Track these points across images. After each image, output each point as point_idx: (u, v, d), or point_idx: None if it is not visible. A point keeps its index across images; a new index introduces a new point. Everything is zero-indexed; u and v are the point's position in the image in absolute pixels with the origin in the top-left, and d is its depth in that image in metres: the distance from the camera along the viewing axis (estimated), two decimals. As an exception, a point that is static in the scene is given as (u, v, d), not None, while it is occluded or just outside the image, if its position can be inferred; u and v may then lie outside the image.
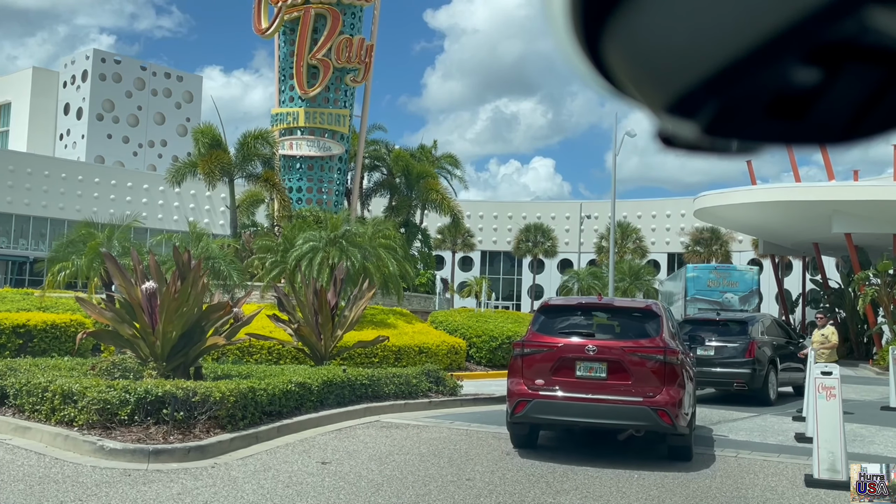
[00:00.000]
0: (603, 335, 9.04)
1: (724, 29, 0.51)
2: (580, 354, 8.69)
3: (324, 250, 21.12)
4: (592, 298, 10.72)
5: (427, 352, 20.14)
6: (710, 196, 36.09)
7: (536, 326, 9.35)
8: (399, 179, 36.94)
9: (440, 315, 24.29)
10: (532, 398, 8.70)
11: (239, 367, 12.39)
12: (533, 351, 8.96)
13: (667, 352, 8.64)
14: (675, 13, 0.52)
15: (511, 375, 9.10)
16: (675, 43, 0.53)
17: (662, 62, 0.55)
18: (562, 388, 8.65)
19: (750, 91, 0.54)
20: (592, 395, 8.55)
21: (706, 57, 0.53)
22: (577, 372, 8.67)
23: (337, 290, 13.61)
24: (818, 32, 0.50)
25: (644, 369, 8.58)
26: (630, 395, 8.47)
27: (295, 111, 33.02)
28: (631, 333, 9.00)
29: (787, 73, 0.52)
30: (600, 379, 8.60)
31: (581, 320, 9.42)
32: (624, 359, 8.61)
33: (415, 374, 13.65)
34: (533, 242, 67.38)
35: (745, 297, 30.93)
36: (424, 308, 31.96)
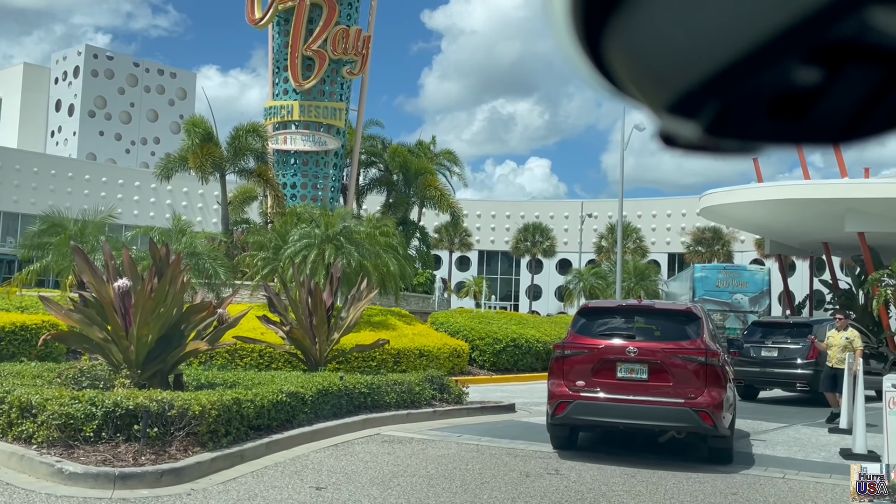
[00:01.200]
0: (643, 337, 9.05)
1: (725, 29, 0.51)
2: (621, 356, 8.75)
3: (319, 247, 19.99)
4: (632, 301, 11.06)
5: (428, 355, 19.04)
6: (717, 194, 34.99)
7: (576, 328, 9.42)
8: (396, 176, 35.83)
9: (441, 316, 23.18)
10: (573, 399, 8.77)
11: (225, 373, 11.26)
12: (573, 353, 9.04)
13: (708, 353, 8.66)
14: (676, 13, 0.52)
15: (551, 377, 9.18)
16: (676, 43, 0.53)
17: (663, 62, 0.55)
18: (603, 389, 8.71)
19: (751, 91, 0.54)
20: (633, 396, 8.61)
21: (707, 57, 0.53)
22: (617, 373, 8.71)
23: (333, 289, 12.50)
24: (819, 32, 0.50)
25: (685, 371, 8.62)
26: (671, 396, 8.51)
27: (289, 104, 31.88)
28: (671, 335, 9.01)
29: (788, 73, 0.53)
30: (641, 380, 8.66)
31: (621, 322, 9.45)
32: (665, 360, 8.64)
33: (417, 381, 12.55)
34: (531, 242, 66.34)
35: (755, 299, 29.90)
36: (423, 309, 30.87)
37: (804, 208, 31.26)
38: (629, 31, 0.55)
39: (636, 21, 0.54)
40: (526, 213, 71.04)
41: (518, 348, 20.80)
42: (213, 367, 12.88)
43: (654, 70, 0.56)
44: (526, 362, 21.00)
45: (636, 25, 0.55)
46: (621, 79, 0.59)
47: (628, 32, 0.55)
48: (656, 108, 0.59)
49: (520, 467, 8.60)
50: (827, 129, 0.56)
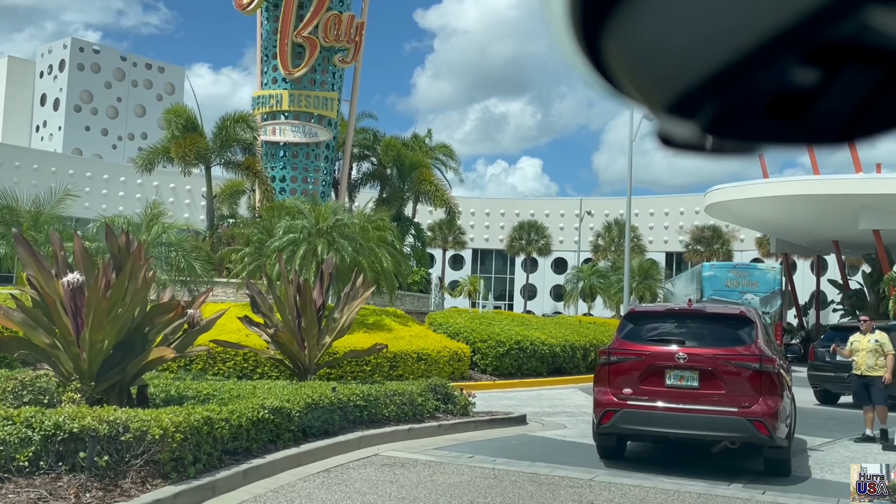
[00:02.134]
0: (694, 342, 8.71)
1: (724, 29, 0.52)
2: (670, 362, 8.49)
3: (309, 242, 18.52)
4: (682, 305, 10.25)
5: (426, 359, 17.60)
6: (724, 190, 33.73)
7: (623, 333, 9.13)
8: (390, 170, 34.36)
9: (439, 316, 21.74)
10: (619, 408, 8.52)
11: (200, 383, 9.79)
12: (620, 359, 8.78)
13: (763, 359, 8.35)
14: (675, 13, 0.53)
15: (597, 384, 8.92)
16: (675, 43, 0.54)
17: (662, 62, 0.56)
18: (651, 397, 8.46)
19: (750, 91, 0.54)
20: (684, 404, 8.35)
21: (706, 57, 0.53)
22: (666, 381, 8.46)
23: (324, 287, 11.06)
24: (818, 33, 0.51)
25: (739, 378, 8.34)
26: (724, 405, 8.23)
27: (278, 93, 30.37)
28: (724, 340, 8.70)
29: (786, 74, 0.53)
30: (692, 388, 8.39)
31: (670, 327, 9.12)
32: (717, 367, 8.36)
33: (420, 391, 11.12)
34: (526, 240, 64.92)
35: (766, 299, 28.59)
36: (419, 308, 29.43)
37: (817, 205, 30.03)
38: (627, 31, 0.55)
39: (634, 21, 0.54)
40: (521, 210, 69.62)
41: (522, 351, 19.40)
42: (189, 374, 11.41)
43: (653, 70, 0.56)
44: (531, 366, 19.60)
45: (634, 25, 0.54)
46: (620, 79, 0.59)
47: (627, 32, 0.55)
48: (655, 109, 0.58)
49: (548, 500, 7.18)
50: (826, 129, 0.56)
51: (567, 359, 20.53)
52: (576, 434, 11.77)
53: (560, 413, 14.36)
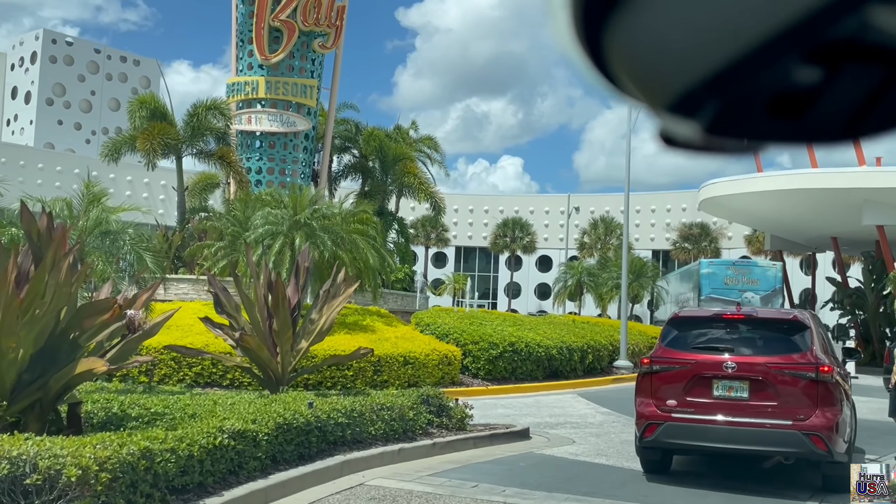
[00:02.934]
0: (744, 350, 8.21)
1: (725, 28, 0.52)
2: (718, 372, 8.03)
3: (286, 234, 16.95)
4: (730, 309, 9.34)
5: (414, 363, 16.11)
6: (720, 184, 32.44)
7: (667, 341, 8.62)
8: (372, 163, 32.79)
9: (426, 316, 20.21)
10: (663, 421, 8.07)
11: (151, 398, 8.22)
12: (663, 368, 8.31)
13: (819, 368, 7.83)
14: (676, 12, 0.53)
15: (639, 395, 8.48)
16: (676, 42, 0.54)
17: (663, 61, 0.56)
18: (697, 409, 8.02)
19: (751, 90, 0.55)
20: (733, 417, 7.89)
21: (707, 56, 0.53)
22: (714, 391, 8.01)
23: (300, 283, 9.50)
24: (819, 32, 0.51)
25: (794, 388, 7.88)
26: (777, 417, 7.78)
27: (254, 80, 28.74)
28: (776, 347, 8.21)
29: (787, 73, 0.53)
30: (742, 399, 7.93)
31: (717, 333, 8.58)
32: (769, 376, 7.89)
33: (411, 404, 9.62)
34: (511, 238, 63.56)
35: (767, 297, 27.33)
36: (403, 307, 27.90)
37: (818, 199, 28.81)
38: (629, 29, 0.55)
39: (636, 20, 0.54)
40: (505, 207, 68.20)
41: (517, 354, 17.93)
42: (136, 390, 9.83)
43: (654, 69, 0.56)
44: (525, 370, 18.14)
45: (636, 24, 0.54)
46: (621, 78, 0.59)
47: (628, 31, 0.55)
48: (656, 108, 0.58)
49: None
50: (827, 128, 0.56)
51: (564, 362, 19.09)
52: (589, 451, 10.31)
53: (564, 424, 12.91)
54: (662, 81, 0.57)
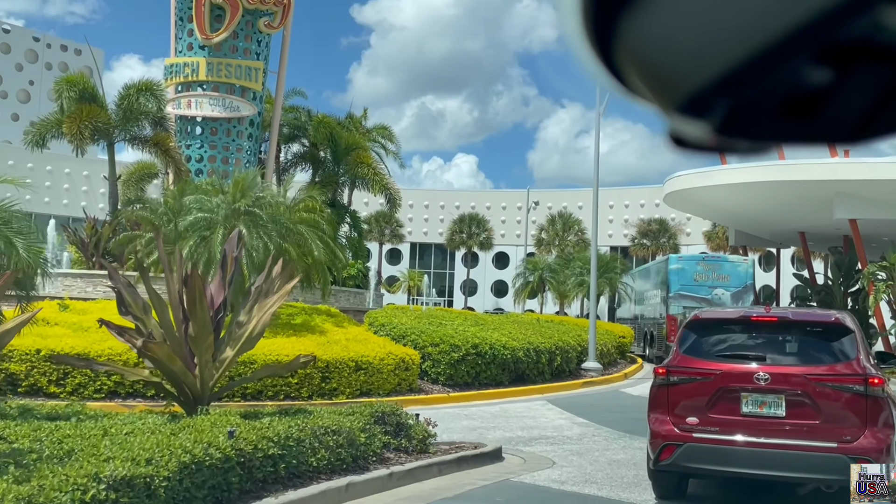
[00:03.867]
0: (778, 358, 7.09)
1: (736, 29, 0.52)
2: (748, 384, 6.93)
3: (224, 224, 15.06)
4: (758, 309, 8.42)
5: (367, 368, 14.37)
6: (686, 177, 31.24)
7: (685, 347, 7.41)
8: (324, 152, 30.90)
9: (381, 316, 18.46)
10: (682, 441, 7.00)
11: (23, 426, 6.34)
12: (682, 379, 7.24)
13: (869, 380, 6.72)
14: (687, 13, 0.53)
15: (653, 410, 7.37)
16: (687, 43, 0.54)
17: (674, 62, 0.56)
18: (723, 428, 6.93)
19: (762, 91, 0.55)
20: (766, 438, 6.81)
21: (718, 57, 0.53)
22: (742, 407, 6.92)
23: (227, 278, 7.71)
24: (830, 32, 0.51)
25: (838, 404, 6.80)
26: (818, 438, 6.68)
27: (194, 61, 26.62)
28: (817, 356, 7.14)
29: (799, 74, 0.53)
30: (776, 417, 6.85)
31: (745, 339, 7.43)
32: (809, 390, 6.81)
33: (363, 424, 7.89)
34: (467, 234, 62.08)
35: (737, 294, 26.14)
36: (355, 306, 26.11)
37: (787, 192, 27.72)
38: (640, 30, 0.55)
39: (647, 20, 0.54)
40: (461, 203, 66.66)
41: (481, 357, 16.29)
42: (10, 411, 7.92)
43: (665, 70, 0.56)
44: (490, 374, 16.52)
45: (647, 25, 0.54)
46: (631, 79, 0.59)
47: (639, 32, 0.55)
48: (667, 109, 0.58)
49: None
50: (838, 128, 0.55)
51: (531, 365, 17.52)
52: (575, 477, 8.70)
53: (539, 440, 11.29)
54: (673, 82, 0.56)
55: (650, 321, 29.21)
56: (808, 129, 0.56)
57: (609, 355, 22.90)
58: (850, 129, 0.56)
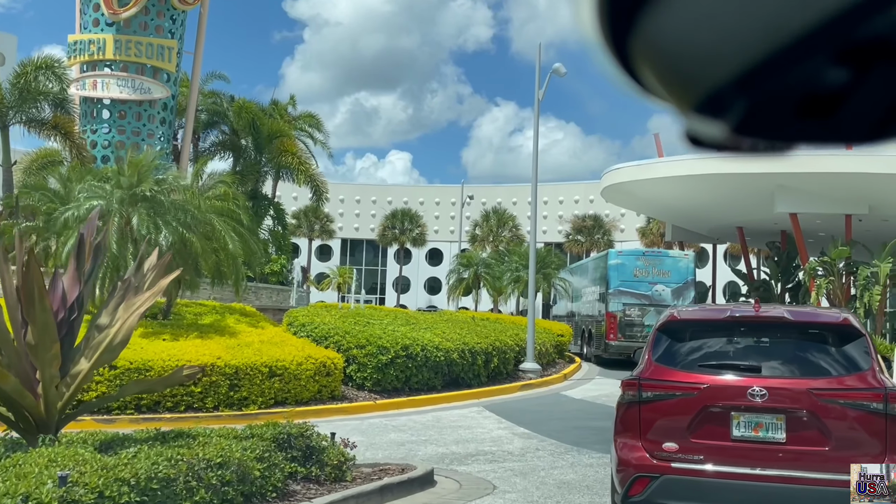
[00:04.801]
0: (776, 369, 5.76)
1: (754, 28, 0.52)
2: (739, 402, 5.57)
3: (120, 212, 13.24)
4: (745, 308, 6.71)
5: (283, 374, 12.76)
6: (625, 170, 30.34)
7: (659, 354, 6.01)
8: (245, 140, 29.02)
9: (301, 315, 16.80)
10: (658, 472, 5.64)
11: None
12: (658, 395, 5.80)
13: (891, 396, 5.39)
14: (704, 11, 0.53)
15: (621, 433, 5.95)
16: (704, 42, 0.54)
17: (691, 61, 0.56)
18: (708, 456, 5.59)
19: (779, 90, 0.55)
20: (762, 469, 5.46)
21: (735, 56, 0.54)
22: (733, 430, 5.59)
23: (85, 270, 6.03)
24: (848, 31, 0.51)
25: (851, 426, 5.49)
26: (828, 469, 5.35)
27: (100, 38, 24.46)
28: (823, 365, 5.75)
29: (816, 73, 0.53)
30: (775, 442, 5.51)
31: (734, 344, 6.07)
32: (815, 408, 5.47)
33: (259, 452, 6.32)
34: (400, 230, 60.53)
35: (678, 290, 25.21)
36: (278, 304, 24.37)
37: (727, 185, 26.99)
38: (656, 29, 0.55)
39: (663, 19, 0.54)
40: (394, 198, 65.10)
41: (411, 360, 14.81)
42: None
43: (682, 69, 0.56)
44: (421, 378, 15.06)
45: (663, 23, 0.54)
46: (647, 78, 0.58)
47: (655, 31, 0.55)
48: (683, 108, 0.58)
49: None
50: (855, 128, 0.55)
51: (466, 367, 16.12)
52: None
53: (477, 456, 9.87)
54: (690, 81, 0.55)
55: (588, 319, 28.18)
56: (825, 128, 0.55)
57: (548, 355, 21.69)
58: (867, 128, 0.55)
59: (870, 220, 26.33)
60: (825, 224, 27.43)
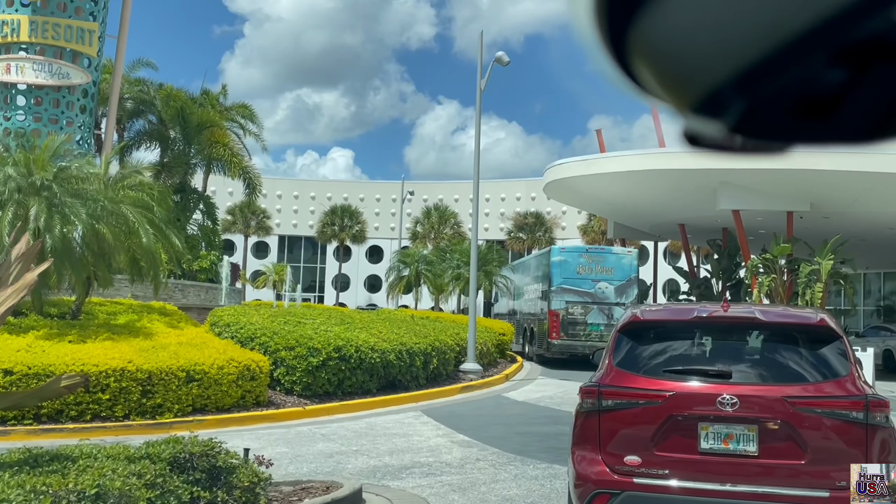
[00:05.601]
0: (747, 375, 5.30)
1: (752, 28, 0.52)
2: (708, 411, 5.11)
3: (17, 202, 12.01)
4: (713, 307, 6.06)
5: (202, 379, 11.72)
6: (568, 165, 29.78)
7: (621, 358, 5.50)
8: (174, 131, 27.63)
9: (226, 314, 15.70)
10: (620, 489, 5.20)
11: None
12: (619, 404, 5.35)
13: (871, 405, 5.02)
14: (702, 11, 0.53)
15: (580, 445, 5.46)
16: (702, 42, 0.54)
17: (689, 61, 0.56)
18: (674, 471, 5.13)
19: (777, 90, 0.55)
20: (733, 485, 5.03)
21: (733, 56, 0.54)
22: (701, 442, 5.14)
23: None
24: (846, 31, 0.51)
25: (829, 438, 5.07)
26: (804, 484, 4.96)
27: (14, 19, 22.87)
28: (798, 371, 5.27)
29: (815, 73, 0.54)
30: (747, 455, 5.07)
31: (701, 348, 5.54)
32: (790, 419, 5.04)
33: (151, 477, 5.36)
34: (339, 226, 59.32)
35: (621, 288, 24.77)
36: (206, 303, 23.14)
37: (673, 181, 26.61)
38: (654, 30, 0.55)
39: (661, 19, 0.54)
40: (333, 194, 63.83)
41: (345, 361, 13.88)
42: None
43: (679, 69, 0.56)
44: (355, 382, 14.14)
45: (661, 23, 0.54)
46: (645, 78, 0.58)
47: (653, 31, 0.55)
48: (682, 108, 0.58)
49: None
50: (854, 128, 0.55)
51: (404, 369, 15.25)
52: (459, 532, 6.47)
53: (412, 469, 9.01)
54: (688, 81, 0.55)
55: (530, 317, 27.57)
56: (824, 128, 0.55)
57: (489, 355, 20.95)
58: (865, 128, 0.55)
59: (811, 218, 26.25)
60: (766, 221, 27.30)
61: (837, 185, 24.32)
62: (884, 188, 24.12)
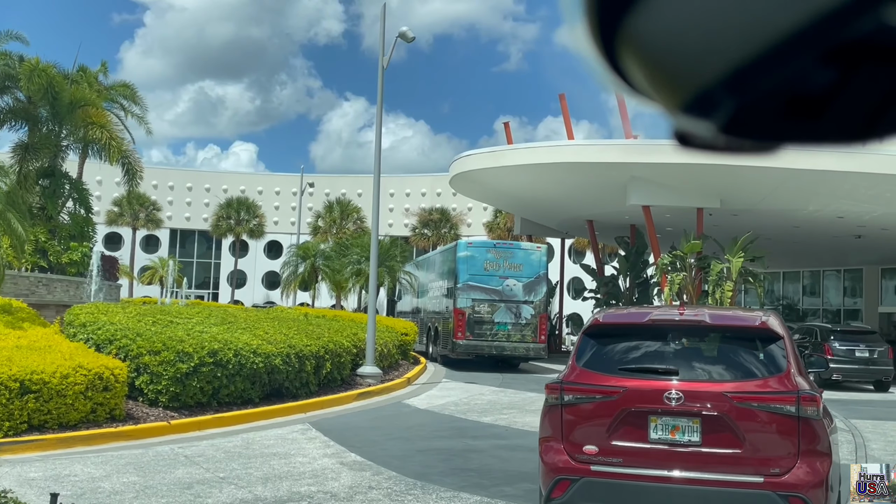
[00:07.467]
0: (693, 372, 5.85)
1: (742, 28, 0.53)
2: (657, 405, 5.72)
3: None
4: (669, 311, 6.65)
5: (40, 390, 9.75)
6: (474, 157, 28.53)
7: (584, 360, 6.15)
8: (45, 110, 24.94)
9: (83, 313, 13.58)
10: (579, 475, 5.82)
11: None
12: (580, 399, 6.01)
13: (802, 399, 5.55)
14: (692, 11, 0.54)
15: (545, 437, 6.13)
16: (691, 42, 0.55)
17: (678, 61, 0.56)
18: (627, 459, 5.77)
19: (767, 90, 0.55)
20: (679, 471, 5.62)
21: (723, 56, 0.54)
22: (651, 433, 5.72)
23: None
24: (836, 31, 0.52)
25: (764, 429, 5.65)
26: (741, 471, 5.52)
27: None
28: (740, 368, 5.87)
29: (804, 73, 0.54)
30: (691, 445, 5.65)
31: (655, 348, 6.12)
32: (730, 412, 5.61)
33: None
34: (236, 220, 56.56)
35: (530, 285, 23.62)
36: (74, 300, 20.77)
37: (582, 175, 25.69)
38: (644, 29, 0.55)
39: (651, 20, 0.54)
40: (229, 186, 60.91)
41: (221, 367, 12.06)
42: None
43: (669, 69, 0.56)
44: (233, 390, 12.34)
45: (651, 24, 0.54)
46: (635, 77, 0.58)
47: (643, 31, 0.55)
48: (672, 108, 0.58)
49: None
50: (845, 128, 0.56)
51: (292, 375, 13.53)
52: None
53: (287, 503, 7.36)
54: (678, 81, 0.55)
55: (435, 315, 26.15)
56: (815, 128, 0.55)
57: (390, 357, 19.40)
58: (856, 128, 0.55)
59: (720, 215, 25.77)
60: (675, 218, 26.71)
61: (747, 182, 23.85)
62: (791, 186, 23.79)
